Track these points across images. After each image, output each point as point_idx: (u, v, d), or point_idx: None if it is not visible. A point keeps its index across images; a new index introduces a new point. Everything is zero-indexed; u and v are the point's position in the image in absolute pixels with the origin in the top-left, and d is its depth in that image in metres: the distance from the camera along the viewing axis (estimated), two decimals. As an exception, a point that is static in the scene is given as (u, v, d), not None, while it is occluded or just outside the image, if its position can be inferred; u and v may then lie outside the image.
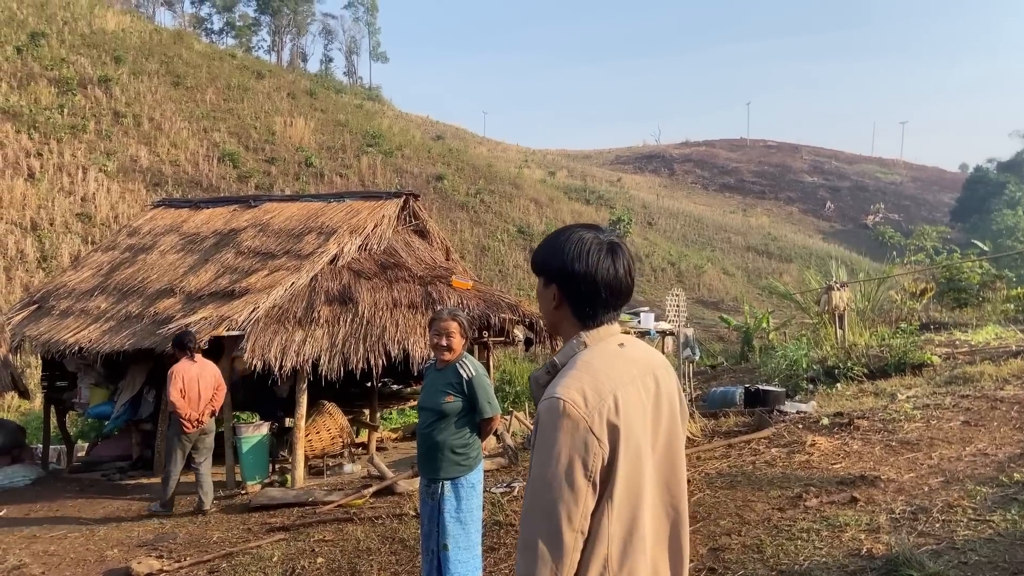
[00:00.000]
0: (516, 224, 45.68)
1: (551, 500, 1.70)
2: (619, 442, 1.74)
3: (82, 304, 10.39)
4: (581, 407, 1.72)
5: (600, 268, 1.88)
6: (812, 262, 57.36)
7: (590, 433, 1.70)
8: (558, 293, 1.92)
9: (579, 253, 1.88)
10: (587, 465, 1.70)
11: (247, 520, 7.50)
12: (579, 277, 1.88)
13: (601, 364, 1.82)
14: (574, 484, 1.70)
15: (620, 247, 1.93)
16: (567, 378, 1.78)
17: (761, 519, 5.41)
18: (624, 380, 1.81)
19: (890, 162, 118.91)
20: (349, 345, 8.59)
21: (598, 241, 1.90)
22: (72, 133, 35.07)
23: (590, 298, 1.89)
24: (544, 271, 1.96)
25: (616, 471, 1.73)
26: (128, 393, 10.27)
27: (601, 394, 1.75)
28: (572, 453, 1.70)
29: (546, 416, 1.74)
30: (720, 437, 7.76)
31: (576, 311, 1.91)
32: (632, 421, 1.78)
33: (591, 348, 1.86)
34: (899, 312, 17.38)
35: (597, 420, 1.72)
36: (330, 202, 11.03)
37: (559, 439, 1.70)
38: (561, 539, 1.69)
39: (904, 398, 8.32)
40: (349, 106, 58.75)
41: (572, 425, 1.70)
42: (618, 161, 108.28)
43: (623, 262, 1.91)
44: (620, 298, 1.92)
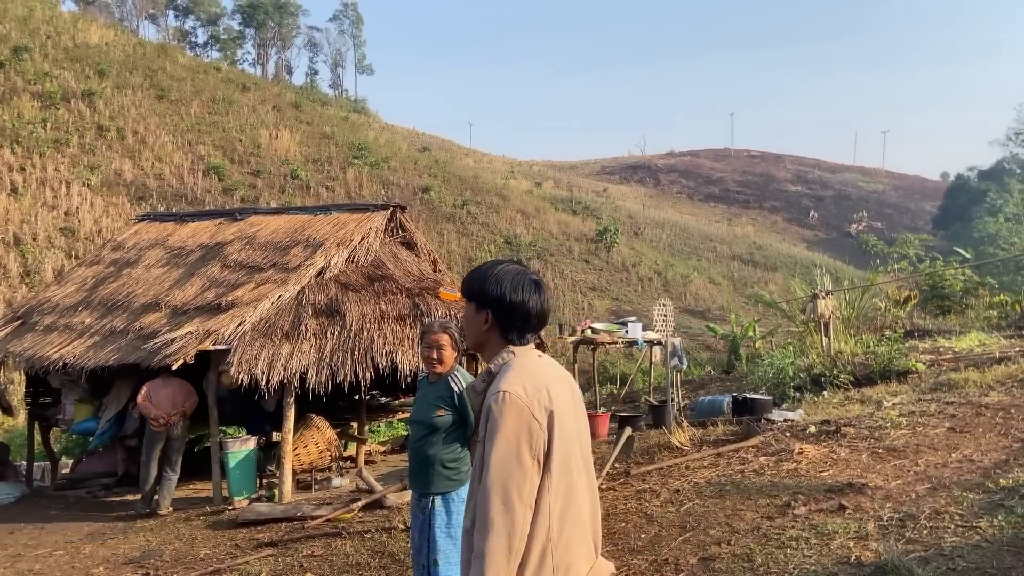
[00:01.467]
0: (503, 235, 45.72)
1: (504, 478, 1.95)
2: (555, 426, 2.04)
3: (66, 319, 10.31)
4: (523, 396, 2.01)
5: (531, 300, 2.22)
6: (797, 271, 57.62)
7: (532, 418, 2.00)
8: (492, 318, 2.23)
9: (515, 286, 2.22)
10: (532, 445, 1.98)
11: (234, 536, 7.44)
12: (514, 306, 2.21)
13: (532, 367, 2.15)
14: (522, 463, 1.96)
15: (541, 283, 2.31)
16: (507, 376, 2.08)
17: (750, 528, 5.42)
18: (552, 377, 2.15)
19: (872, 171, 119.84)
20: (337, 358, 8.56)
21: (529, 278, 2.26)
22: (55, 147, 34.86)
23: (522, 323, 2.22)
24: (479, 298, 2.26)
25: (553, 451, 2.02)
26: (113, 409, 10.18)
27: (537, 387, 2.05)
28: (519, 436, 1.97)
29: (494, 407, 2.01)
30: (708, 446, 7.77)
31: (504, 332, 2.23)
32: (563, 410, 2.08)
33: (519, 357, 2.18)
34: (883, 320, 17.48)
35: (537, 407, 2.01)
36: (317, 215, 11.02)
37: (507, 425, 1.98)
38: (513, 512, 1.93)
39: (890, 405, 8.35)
40: (335, 118, 58.72)
41: (517, 412, 1.99)
42: (604, 172, 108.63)
43: (545, 295, 2.28)
44: (542, 323, 2.28)
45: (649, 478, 7.03)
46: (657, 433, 8.95)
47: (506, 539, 1.91)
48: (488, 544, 1.91)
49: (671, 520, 5.82)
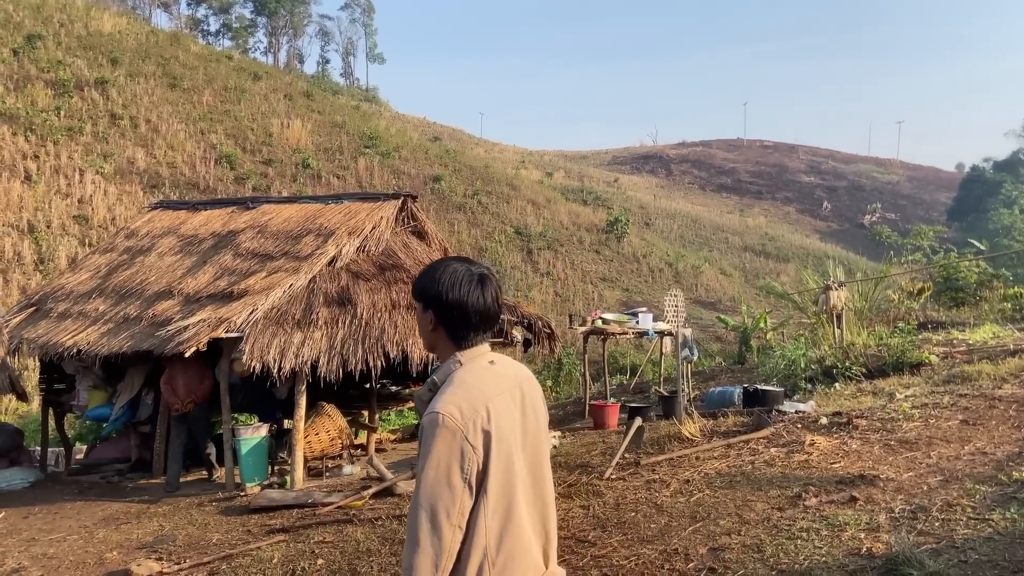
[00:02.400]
0: (514, 225, 45.65)
1: (432, 500, 1.96)
2: (491, 446, 2.00)
3: (80, 306, 10.38)
4: (457, 419, 1.97)
5: (471, 297, 2.15)
6: (809, 262, 57.33)
7: (465, 441, 1.97)
8: (434, 318, 2.18)
9: (452, 283, 2.16)
10: (463, 469, 1.97)
11: (247, 522, 7.50)
12: (452, 305, 2.15)
13: (474, 380, 2.09)
14: (451, 485, 1.96)
15: (489, 278, 2.21)
16: (446, 395, 2.04)
17: (761, 519, 5.42)
18: (494, 392, 2.08)
19: (887, 162, 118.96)
20: (348, 347, 8.59)
21: (469, 273, 2.18)
22: (69, 135, 35.03)
23: (462, 323, 2.15)
24: (422, 298, 2.22)
25: (489, 471, 2.00)
26: (127, 395, 10.27)
27: (475, 406, 2.01)
28: (450, 459, 1.96)
29: (428, 428, 1.99)
30: (719, 437, 7.77)
31: (450, 333, 2.17)
32: (502, 427, 2.04)
33: (465, 366, 2.13)
34: (896, 311, 17.39)
35: (472, 429, 1.98)
36: (328, 204, 11.04)
37: (438, 447, 1.97)
38: (441, 533, 1.95)
39: (902, 397, 8.32)
40: (346, 107, 58.74)
41: (450, 435, 1.96)
42: (615, 162, 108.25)
43: (491, 291, 2.19)
44: (489, 322, 2.20)
45: (659, 468, 7.03)
46: (667, 424, 8.94)
47: (432, 558, 1.95)
48: (415, 561, 1.95)
49: (681, 510, 5.83)
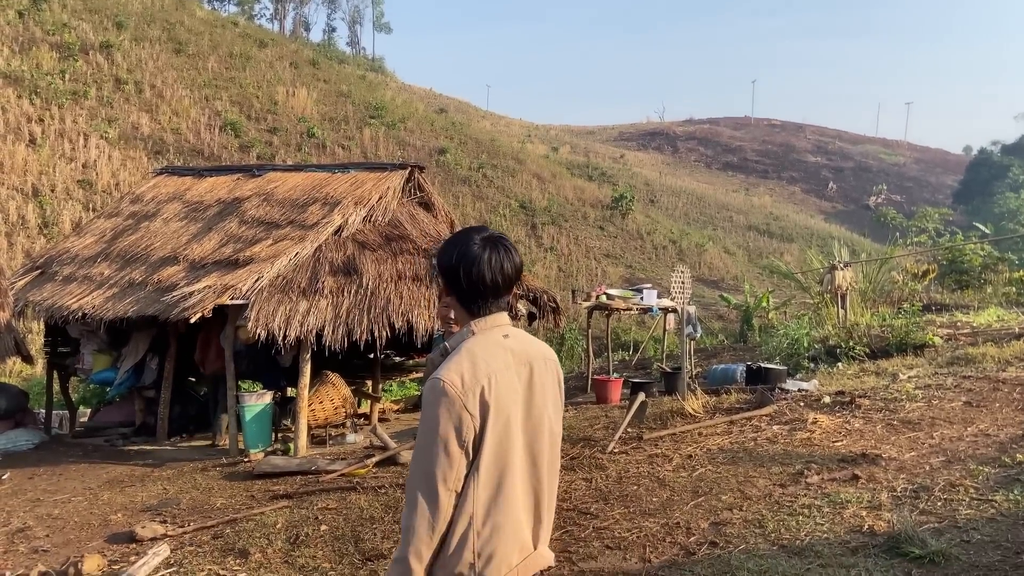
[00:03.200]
0: (518, 199, 45.50)
1: (430, 464, 2.00)
2: (488, 417, 2.03)
3: (85, 270, 10.39)
4: (458, 387, 2.01)
5: (478, 265, 2.13)
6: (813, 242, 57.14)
7: (464, 410, 2.00)
8: (447, 288, 2.22)
9: (463, 252, 2.15)
10: (460, 435, 2.01)
11: (250, 487, 7.55)
12: (461, 272, 2.14)
13: (481, 351, 2.10)
14: (449, 451, 2.00)
15: (501, 244, 2.18)
16: (451, 362, 2.07)
17: (763, 495, 5.44)
18: (499, 367, 2.09)
19: (894, 143, 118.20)
20: (353, 316, 8.60)
21: (480, 240, 2.17)
22: (73, 99, 34.85)
23: (471, 291, 2.15)
24: (438, 269, 2.25)
25: (485, 442, 2.03)
26: (131, 360, 10.31)
27: (476, 377, 2.04)
28: (448, 425, 2.00)
29: (429, 394, 2.04)
30: (722, 413, 7.79)
31: (461, 302, 2.19)
32: (503, 401, 2.07)
33: (477, 336, 2.14)
34: (900, 293, 17.37)
35: (471, 399, 2.01)
36: (335, 172, 10.99)
37: (439, 413, 2.01)
38: (437, 496, 2.00)
39: (905, 378, 8.33)
40: (352, 77, 58.29)
41: (449, 402, 2.00)
42: (621, 138, 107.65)
43: (502, 258, 2.16)
44: (500, 291, 2.18)
45: (662, 443, 7.06)
46: (670, 400, 8.96)
47: (428, 519, 2.00)
48: (413, 521, 2.01)
49: (683, 485, 5.86)
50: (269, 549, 5.63)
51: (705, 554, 4.65)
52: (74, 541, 6.49)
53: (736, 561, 4.43)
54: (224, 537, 6.03)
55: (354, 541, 5.62)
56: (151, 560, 5.59)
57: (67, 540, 6.52)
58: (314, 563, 5.32)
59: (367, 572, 5.09)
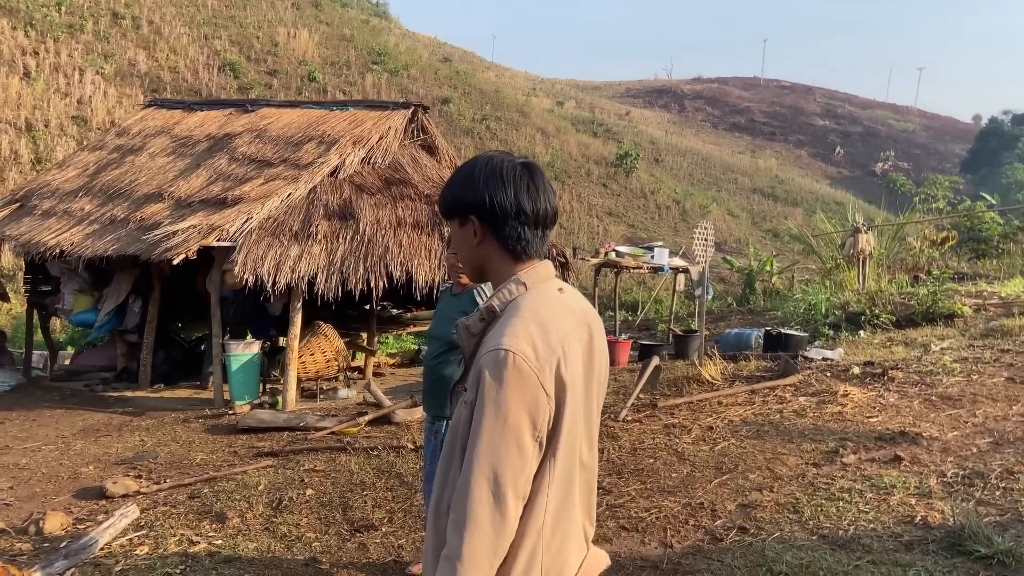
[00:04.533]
0: (522, 152, 44.63)
1: (496, 463, 1.51)
2: (565, 400, 1.59)
3: (65, 205, 9.78)
4: (532, 360, 1.54)
5: (519, 187, 1.69)
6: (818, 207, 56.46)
7: (540, 389, 1.54)
8: (479, 227, 1.71)
9: (493, 175, 1.69)
10: (536, 425, 1.54)
11: (233, 442, 7.03)
12: (500, 202, 1.68)
13: (547, 311, 1.63)
14: (522, 446, 1.53)
15: (536, 167, 1.74)
16: (514, 326, 1.58)
17: (794, 474, 4.92)
18: (568, 330, 1.65)
19: (904, 109, 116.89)
20: (348, 264, 8.00)
21: (511, 162, 1.72)
22: (69, 32, 33.81)
23: (516, 225, 1.69)
24: (458, 207, 1.74)
25: (560, 431, 1.59)
26: (113, 301, 9.74)
27: (551, 345, 1.58)
28: (521, 412, 1.53)
29: (492, 370, 1.53)
30: (741, 381, 7.25)
31: (503, 241, 1.70)
32: (576, 377, 1.63)
33: (532, 291, 1.68)
34: (915, 260, 16.81)
35: (548, 374, 1.56)
36: (332, 110, 10.30)
37: (508, 396, 1.52)
38: (506, 508, 1.52)
39: (938, 350, 7.79)
40: (355, 21, 56.91)
41: (522, 380, 1.53)
42: (628, 94, 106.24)
43: (542, 181, 1.73)
44: (547, 223, 1.73)
45: (678, 412, 6.53)
46: (684, 365, 8.42)
47: (491, 540, 1.51)
48: (468, 544, 1.50)
49: (704, 460, 5.34)
50: (249, 514, 5.13)
51: (734, 541, 4.14)
52: (40, 495, 5.99)
53: (771, 552, 3.92)
54: (201, 497, 5.52)
55: (342, 509, 5.11)
56: (118, 522, 5.08)
57: (32, 494, 6.02)
58: (297, 532, 4.81)
59: (355, 545, 4.58)
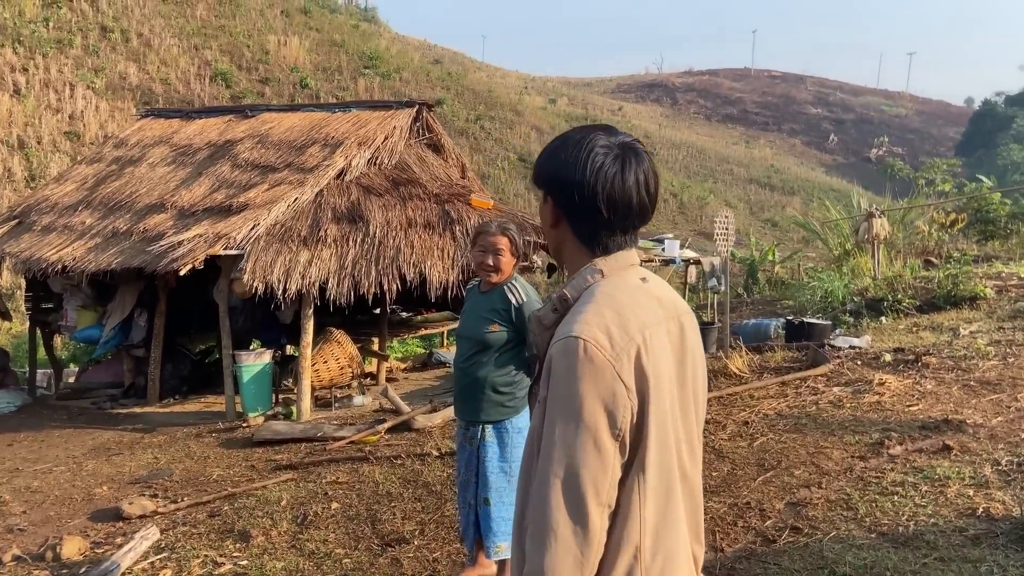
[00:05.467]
0: (517, 151, 44.52)
1: (573, 467, 1.34)
2: (649, 394, 1.39)
3: (65, 219, 9.57)
4: (607, 349, 1.37)
5: (602, 177, 1.48)
6: (815, 195, 56.41)
7: (618, 380, 1.36)
8: (555, 208, 1.56)
9: (577, 157, 1.49)
10: (615, 421, 1.35)
11: (250, 456, 6.83)
12: (575, 187, 1.49)
13: (625, 297, 1.47)
14: (601, 446, 1.35)
15: (635, 153, 1.52)
16: (586, 313, 1.42)
17: (841, 469, 4.73)
18: (651, 320, 1.46)
19: (896, 95, 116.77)
20: (360, 267, 7.80)
21: (605, 144, 1.51)
22: (58, 48, 33.55)
23: (590, 216, 1.51)
24: (540, 181, 1.59)
25: (647, 432, 1.39)
26: (118, 316, 9.53)
27: (629, 333, 1.40)
28: (596, 407, 1.35)
29: (562, 360, 1.37)
30: (770, 373, 7.06)
31: (579, 232, 1.54)
32: (662, 371, 1.43)
33: (610, 279, 1.51)
34: (924, 244, 16.66)
35: (626, 364, 1.37)
36: (335, 112, 10.10)
37: (581, 389, 1.35)
38: (587, 517, 1.34)
39: (968, 333, 7.61)
40: (345, 26, 56.64)
41: (596, 371, 1.35)
42: (619, 89, 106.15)
43: (635, 172, 1.50)
44: (629, 219, 1.52)
45: (709, 408, 6.32)
46: (708, 357, 8.23)
47: (575, 552, 1.34)
48: (549, 558, 1.33)
49: (744, 457, 5.15)
50: (273, 531, 4.93)
51: (788, 542, 3.95)
52: (54, 519, 5.80)
53: (830, 552, 3.73)
54: (222, 515, 5.32)
55: (370, 522, 4.92)
56: (139, 544, 4.88)
57: (46, 517, 5.82)
58: (326, 548, 4.61)
59: (388, 560, 4.39)
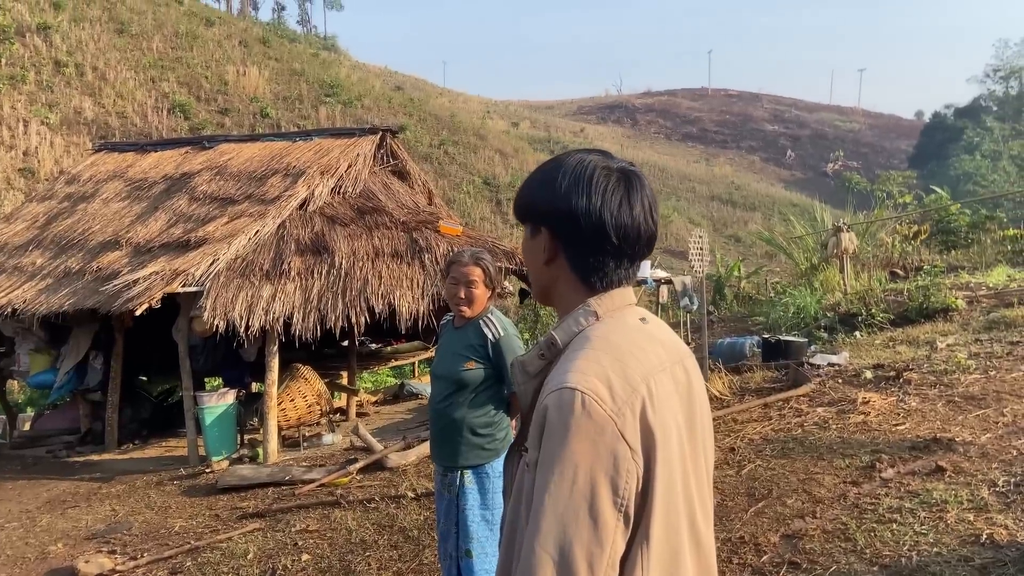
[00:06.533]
0: (481, 175, 44.62)
1: (566, 543, 1.16)
2: (655, 454, 1.22)
3: (15, 260, 9.17)
4: (607, 402, 1.19)
5: (609, 203, 1.33)
6: (775, 210, 57.27)
7: (620, 440, 1.19)
8: (551, 242, 1.37)
9: (579, 182, 1.34)
10: (617, 489, 1.18)
11: (214, 504, 6.50)
12: (579, 215, 1.33)
13: (625, 341, 1.29)
14: (599, 518, 1.17)
15: (637, 177, 1.37)
16: (581, 359, 1.24)
17: (835, 496, 4.56)
18: (655, 367, 1.29)
19: (848, 110, 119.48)
20: (326, 300, 7.52)
21: (606, 167, 1.36)
22: (11, 84, 32.92)
23: (596, 246, 1.34)
24: (530, 213, 1.41)
25: (653, 498, 1.21)
26: (72, 359, 9.13)
27: (632, 383, 1.23)
28: (595, 471, 1.18)
29: (556, 416, 1.20)
30: (752, 395, 6.90)
31: (577, 265, 1.37)
32: (669, 424, 1.26)
33: (605, 320, 1.34)
34: (889, 256, 16.76)
35: (630, 420, 1.20)
36: (296, 141, 9.85)
37: (577, 450, 1.18)
38: None
39: (945, 346, 7.54)
40: (304, 55, 56.53)
41: (595, 429, 1.18)
42: (580, 112, 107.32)
43: (641, 197, 1.36)
44: (638, 247, 1.37)
45: (691, 433, 6.15)
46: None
47: None
48: None
49: (733, 486, 4.95)
50: (240, 587, 4.63)
51: (787, 578, 3.75)
52: (4, 581, 5.43)
53: (833, 589, 3.53)
54: (184, 572, 5.00)
55: (344, 574, 4.63)
56: (94, 609, 4.56)
57: (-5, 581, 5.45)
58: (297, 604, 4.32)
59: (364, 615, 4.11)
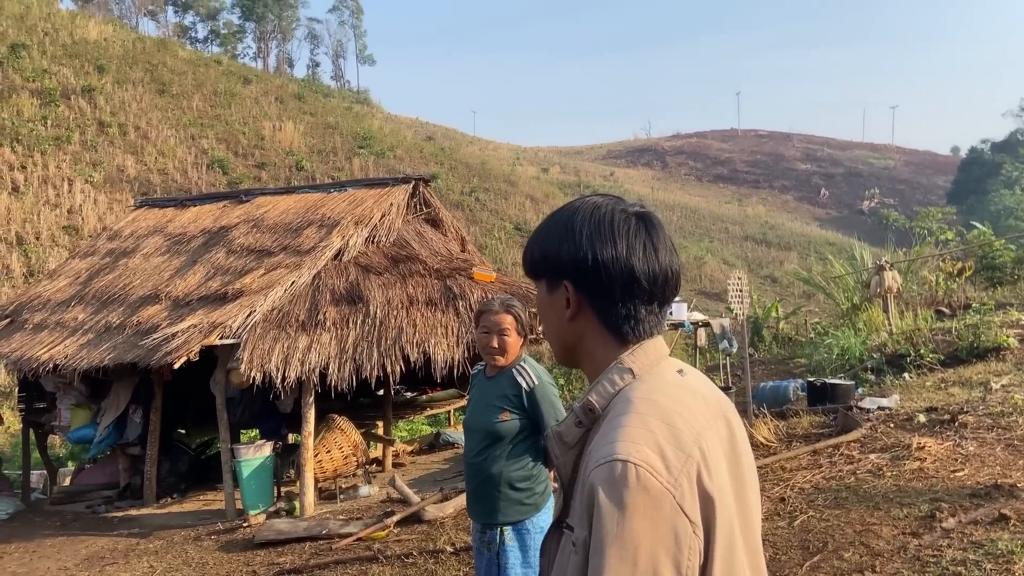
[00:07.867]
0: (513, 221, 44.81)
1: None
2: (715, 524, 1.11)
3: (57, 316, 9.29)
4: (662, 474, 1.08)
5: (635, 247, 1.24)
6: (811, 249, 56.70)
7: (680, 514, 1.07)
8: (575, 295, 1.27)
9: (600, 228, 1.25)
10: (680, 567, 1.06)
11: (251, 560, 6.41)
12: (607, 263, 1.24)
13: (669, 401, 1.18)
14: None
15: (655, 219, 1.30)
16: (628, 427, 1.12)
17: (894, 548, 4.34)
18: (703, 425, 1.18)
19: (882, 147, 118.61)
20: (361, 350, 7.49)
21: (623, 211, 1.28)
22: (56, 144, 33.91)
23: (625, 294, 1.25)
24: (548, 267, 1.31)
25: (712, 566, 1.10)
26: (112, 413, 9.17)
27: (685, 448, 1.12)
28: (656, 551, 1.05)
29: (608, 492, 1.07)
30: (799, 441, 6.68)
31: (606, 317, 1.26)
32: (724, 488, 1.15)
33: (644, 378, 1.22)
34: (933, 294, 16.38)
35: (688, 491, 1.09)
36: (330, 192, 9.94)
37: (633, 529, 1.05)
38: None
39: (1000, 387, 7.27)
40: (338, 109, 57.74)
41: (653, 505, 1.06)
42: (610, 156, 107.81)
43: (663, 238, 1.29)
44: (667, 291, 1.28)
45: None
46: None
47: None
48: None
49: (786, 539, 4.75)
50: (278, 648, 4.51)
51: (848, 637, 3.55)
52: (41, 642, 5.37)
53: (899, 649, 3.33)
54: (222, 631, 4.91)
55: (384, 633, 4.51)
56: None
57: (33, 641, 5.39)
58: (335, 666, 4.19)
59: (404, 677, 3.97)
